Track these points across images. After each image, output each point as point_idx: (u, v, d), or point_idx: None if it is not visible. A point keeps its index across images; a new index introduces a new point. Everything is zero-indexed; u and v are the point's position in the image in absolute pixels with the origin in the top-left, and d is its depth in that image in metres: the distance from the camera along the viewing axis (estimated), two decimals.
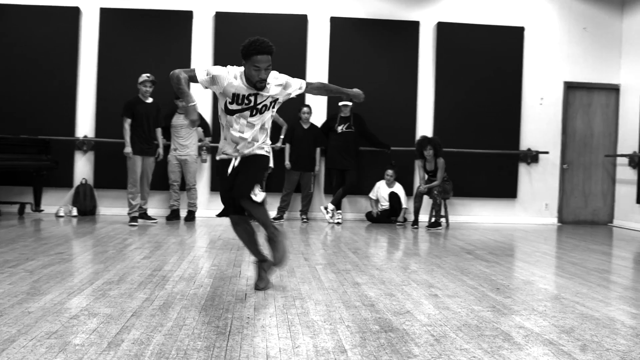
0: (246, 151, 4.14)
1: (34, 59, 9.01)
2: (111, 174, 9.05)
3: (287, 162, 8.92)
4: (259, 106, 4.09)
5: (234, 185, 4.07)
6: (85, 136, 9.14)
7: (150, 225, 7.91)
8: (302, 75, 9.30)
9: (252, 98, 4.04)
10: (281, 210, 8.99)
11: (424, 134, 9.06)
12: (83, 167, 9.17)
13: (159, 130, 8.36)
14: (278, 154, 9.03)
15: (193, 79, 4.01)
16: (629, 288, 4.64)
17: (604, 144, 9.94)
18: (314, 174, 9.07)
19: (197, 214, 8.89)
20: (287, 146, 8.96)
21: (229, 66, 4.08)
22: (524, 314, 3.71)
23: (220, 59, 9.20)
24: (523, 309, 3.83)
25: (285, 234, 4.54)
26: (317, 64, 9.40)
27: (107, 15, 9.13)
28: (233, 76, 4.00)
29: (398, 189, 9.14)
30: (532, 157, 9.67)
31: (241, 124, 4.07)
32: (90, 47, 9.16)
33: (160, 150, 8.38)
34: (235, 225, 4.27)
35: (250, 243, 4.31)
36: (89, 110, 9.15)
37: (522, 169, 9.73)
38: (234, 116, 4.06)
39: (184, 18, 9.21)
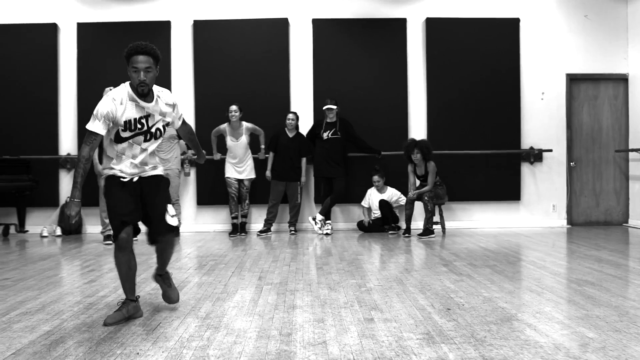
0: (143, 174, 3.81)
1: (12, 78, 8.88)
2: (96, 191, 8.80)
3: (267, 173, 8.55)
4: (153, 130, 3.76)
5: (153, 222, 3.78)
6: (68, 154, 8.95)
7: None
8: (286, 82, 8.98)
9: (143, 121, 3.71)
10: (268, 222, 8.61)
11: (412, 137, 8.58)
12: (68, 186, 8.96)
13: None
14: (261, 164, 8.70)
15: (94, 141, 3.64)
16: (604, 305, 4.10)
17: (614, 138, 9.29)
18: (300, 184, 8.67)
19: (181, 230, 8.60)
20: (271, 155, 8.59)
21: (108, 93, 3.70)
22: (457, 342, 3.24)
23: (200, 67, 8.93)
24: (460, 335, 3.36)
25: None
26: (301, 69, 9.02)
27: (85, 30, 8.94)
28: (119, 102, 3.64)
29: (391, 193, 8.68)
30: (535, 155, 9.08)
31: (134, 151, 3.74)
32: (69, 63, 8.99)
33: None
34: (122, 251, 3.75)
35: (130, 277, 3.83)
36: (70, 127, 8.96)
37: (525, 168, 9.15)
38: (125, 143, 3.71)
39: (162, 28, 8.95)
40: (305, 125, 8.85)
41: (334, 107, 8.45)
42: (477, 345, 3.18)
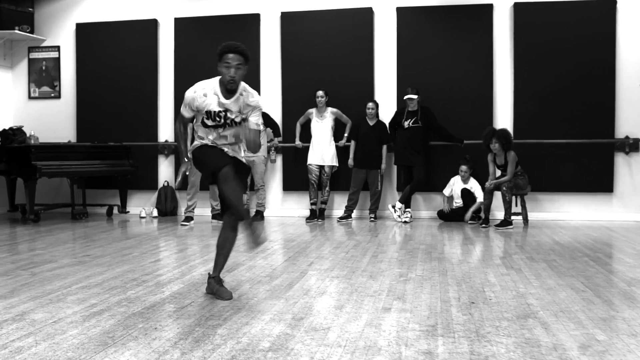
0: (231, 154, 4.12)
1: (116, 72, 9.67)
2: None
3: (350, 161, 8.74)
4: (229, 122, 4.07)
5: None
6: (166, 141, 9.62)
7: (216, 225, 8.10)
8: (370, 71, 9.08)
9: (222, 114, 4.05)
10: (349, 209, 8.81)
11: (491, 126, 8.38)
12: (165, 170, 9.66)
13: None
14: (343, 151, 8.89)
15: (182, 120, 4.26)
16: (631, 307, 3.94)
17: None
18: (380, 171, 8.77)
19: (266, 214, 9.01)
20: (352, 143, 8.77)
21: (195, 85, 4.09)
22: (455, 336, 3.29)
23: (287, 57, 9.24)
24: (464, 330, 3.39)
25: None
26: (385, 57, 9.08)
27: (181, 25, 9.53)
28: (202, 94, 4.03)
29: (473, 184, 8.57)
30: (630, 145, 8.57)
31: (215, 135, 4.11)
32: (167, 57, 9.63)
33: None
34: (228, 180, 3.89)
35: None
36: (168, 116, 9.61)
37: (620, 159, 8.65)
38: (209, 129, 4.10)
39: (251, 20, 9.35)
40: (388, 113, 8.92)
41: (415, 96, 8.45)
42: (473, 340, 3.21)
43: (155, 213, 9.33)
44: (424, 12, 8.93)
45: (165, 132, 9.63)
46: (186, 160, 4.30)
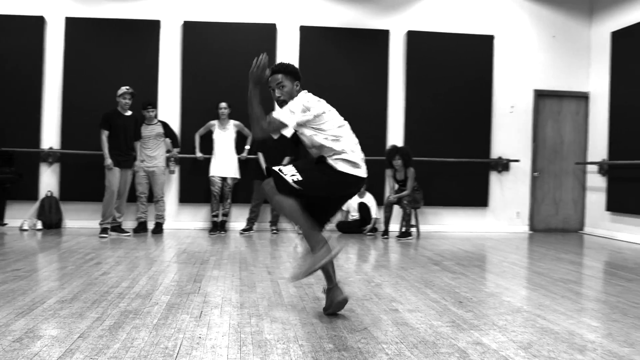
0: None
1: None
2: (78, 186, 8.90)
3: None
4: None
5: None
6: (50, 148, 8.96)
7: (123, 239, 7.73)
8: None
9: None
10: (250, 221, 8.87)
11: (394, 144, 9.01)
12: (48, 180, 8.98)
13: (137, 143, 8.27)
14: (243, 164, 8.95)
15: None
16: (593, 299, 4.61)
17: (574, 152, 9.98)
18: None
19: (164, 226, 8.76)
20: (260, 155, 8.85)
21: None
22: (484, 329, 3.65)
23: (188, 67, 9.11)
24: (483, 324, 3.77)
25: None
26: None
27: (73, 25, 8.97)
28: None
29: (368, 199, 9.08)
30: (503, 165, 9.68)
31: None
32: (55, 57, 9.00)
33: (138, 163, 8.29)
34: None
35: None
36: (54, 121, 8.97)
37: (493, 177, 9.73)
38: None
39: (152, 27, 9.08)
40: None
41: None
42: (503, 331, 3.59)
43: (39, 225, 8.63)
44: (326, 33, 9.33)
45: (50, 138, 8.95)
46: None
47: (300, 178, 3.75)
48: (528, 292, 4.82)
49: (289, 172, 3.79)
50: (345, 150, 3.87)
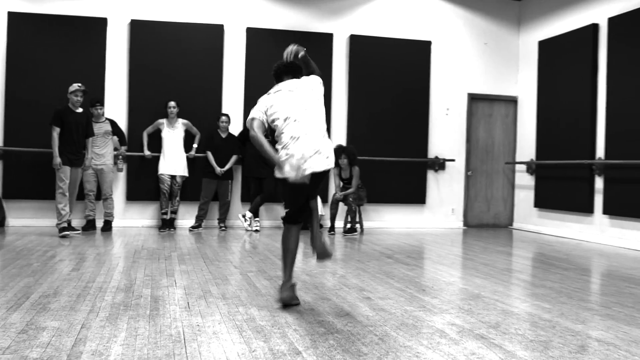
0: None
1: None
2: (22, 183, 8.76)
3: (217, 170, 8.92)
4: None
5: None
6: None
7: (73, 237, 7.70)
8: (219, 85, 9.41)
9: None
10: (199, 218, 9.01)
11: (339, 143, 9.37)
12: None
13: (88, 141, 8.18)
14: (191, 161, 9.07)
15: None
16: (539, 286, 5.10)
17: (504, 152, 10.67)
18: (231, 182, 9.16)
19: (113, 224, 8.76)
20: (209, 154, 8.98)
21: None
22: (453, 312, 4.03)
23: (135, 66, 9.14)
24: (451, 308, 4.15)
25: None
26: (234, 73, 9.50)
27: (16, 20, 8.81)
28: None
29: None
30: (439, 164, 10.23)
31: None
32: None
33: (87, 161, 8.21)
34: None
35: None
36: None
37: (430, 175, 10.26)
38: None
39: (98, 25, 9.04)
40: (236, 126, 9.34)
41: None
42: (470, 314, 3.99)
43: None
44: (273, 35, 9.56)
45: None
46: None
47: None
48: (481, 281, 5.26)
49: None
50: (287, 145, 4.08)
